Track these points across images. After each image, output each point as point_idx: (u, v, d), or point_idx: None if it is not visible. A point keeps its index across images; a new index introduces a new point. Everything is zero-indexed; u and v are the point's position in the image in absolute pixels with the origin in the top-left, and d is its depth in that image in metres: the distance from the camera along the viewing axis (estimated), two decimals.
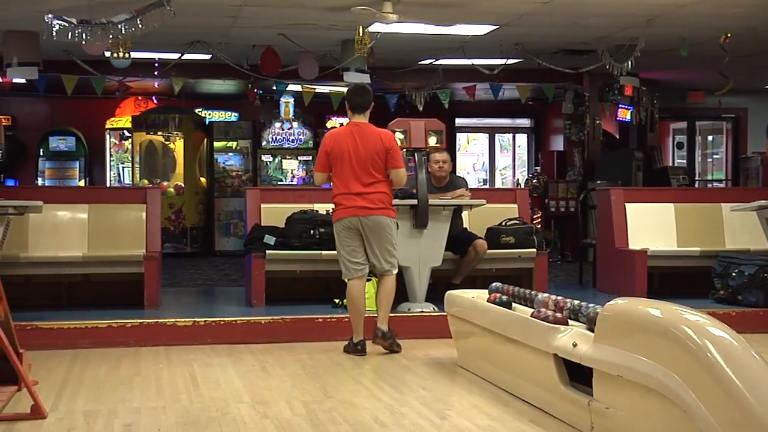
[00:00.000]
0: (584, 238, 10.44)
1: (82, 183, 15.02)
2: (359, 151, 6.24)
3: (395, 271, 6.41)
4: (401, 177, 6.33)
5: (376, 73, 11.11)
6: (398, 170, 6.28)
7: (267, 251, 7.59)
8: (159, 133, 14.04)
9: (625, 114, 13.62)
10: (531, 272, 8.09)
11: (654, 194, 9.29)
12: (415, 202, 7.21)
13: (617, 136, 14.96)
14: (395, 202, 6.56)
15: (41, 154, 14.99)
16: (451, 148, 14.91)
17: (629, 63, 9.75)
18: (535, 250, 8.05)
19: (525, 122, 17.47)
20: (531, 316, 4.77)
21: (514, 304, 5.35)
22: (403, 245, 7.12)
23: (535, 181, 13.74)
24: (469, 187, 8.28)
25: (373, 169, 6.25)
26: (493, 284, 5.81)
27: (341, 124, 14.91)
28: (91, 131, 15.29)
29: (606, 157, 13.45)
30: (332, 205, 6.44)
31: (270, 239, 7.66)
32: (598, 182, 12.15)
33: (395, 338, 6.37)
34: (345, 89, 6.87)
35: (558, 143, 15.55)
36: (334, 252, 6.61)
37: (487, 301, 5.44)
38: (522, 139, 17.68)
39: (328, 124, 15.06)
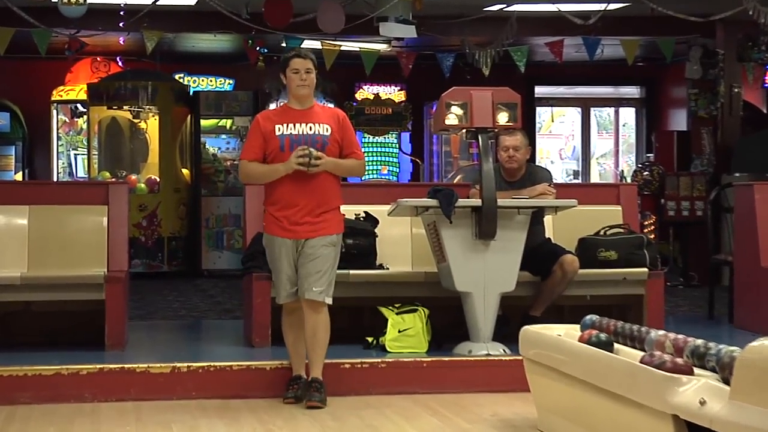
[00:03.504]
0: (716, 253, 10.38)
1: (19, 176, 15.19)
2: None
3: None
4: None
5: (424, 25, 11.14)
6: None
7: None
8: (125, 107, 14.15)
9: None
10: (641, 301, 8.07)
11: None
12: (478, 202, 7.23)
13: (764, 110, 14.84)
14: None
15: None
16: (528, 129, 14.90)
17: None
18: (646, 269, 8.03)
19: (633, 92, 17.41)
20: (640, 361, 4.76)
21: (616, 345, 5.35)
22: (462, 262, 7.14)
23: (646, 173, 13.68)
24: (555, 181, 8.27)
25: None
26: (588, 317, 5.80)
27: (376, 95, 15.12)
28: (31, 105, 15.45)
29: (748, 139, 13.35)
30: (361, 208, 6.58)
31: None
32: (737, 175, 12.07)
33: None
34: (382, 47, 6.96)
35: (680, 121, 15.48)
36: (366, 271, 6.60)
37: (579, 340, 5.44)
38: (628, 114, 17.61)
39: (358, 95, 15.11)
